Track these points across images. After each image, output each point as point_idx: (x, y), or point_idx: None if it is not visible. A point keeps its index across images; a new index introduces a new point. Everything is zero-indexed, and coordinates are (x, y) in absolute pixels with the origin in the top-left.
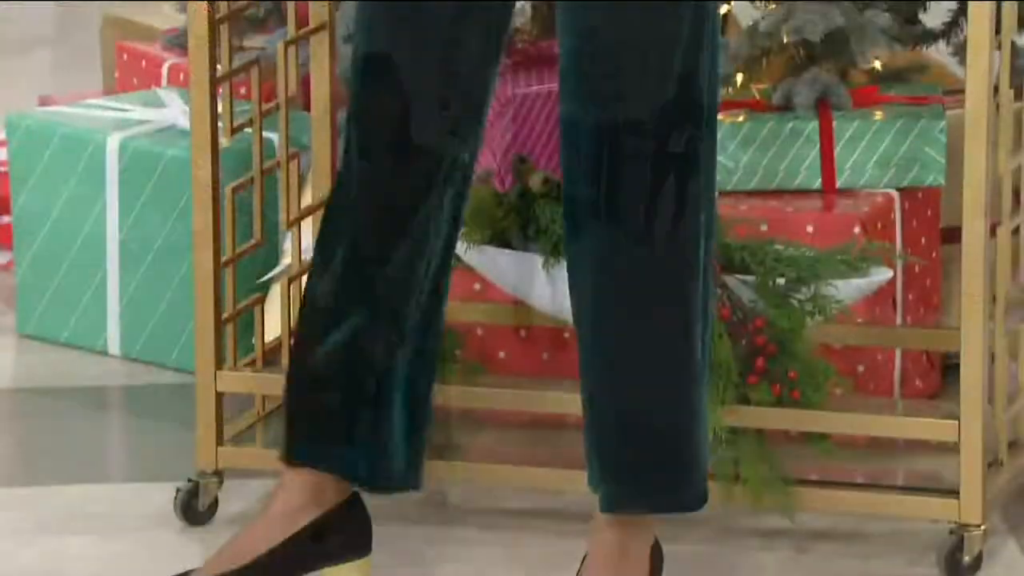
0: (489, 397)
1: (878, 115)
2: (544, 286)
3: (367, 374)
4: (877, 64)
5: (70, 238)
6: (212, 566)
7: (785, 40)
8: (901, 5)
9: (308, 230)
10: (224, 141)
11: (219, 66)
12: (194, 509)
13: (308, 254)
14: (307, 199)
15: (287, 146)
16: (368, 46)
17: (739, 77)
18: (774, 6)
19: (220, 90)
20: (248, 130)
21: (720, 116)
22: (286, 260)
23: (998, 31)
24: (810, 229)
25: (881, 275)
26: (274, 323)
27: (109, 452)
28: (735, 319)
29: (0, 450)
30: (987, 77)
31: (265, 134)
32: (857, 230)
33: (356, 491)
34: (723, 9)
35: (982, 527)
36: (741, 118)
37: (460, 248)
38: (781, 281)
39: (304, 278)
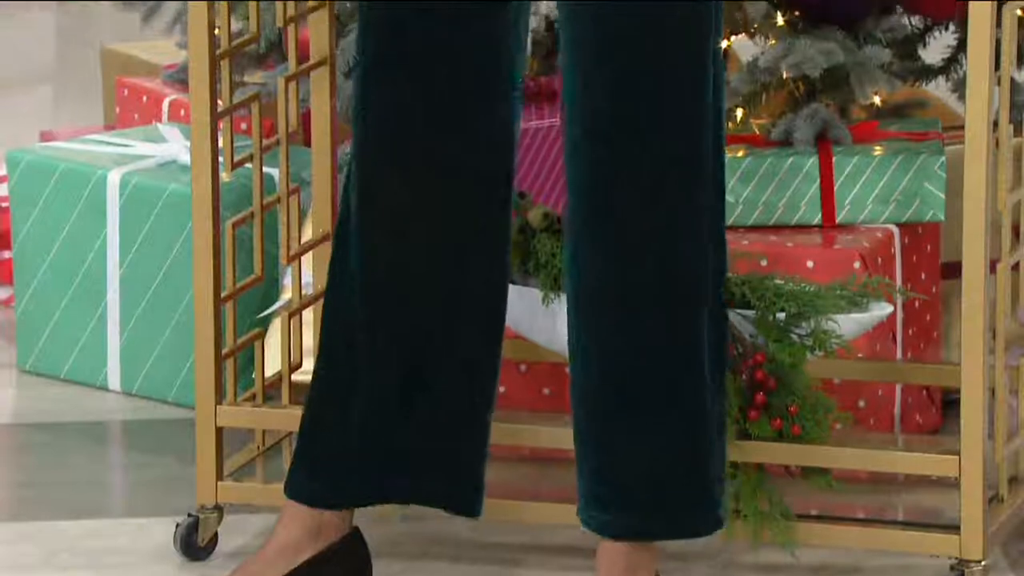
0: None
1: (878, 150)
2: (544, 321)
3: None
4: (877, 100)
5: (71, 273)
6: None
7: (785, 76)
8: (900, 41)
9: (308, 265)
10: (225, 176)
11: (220, 101)
12: (194, 544)
13: (308, 289)
14: (307, 234)
15: (287, 181)
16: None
17: (739, 112)
18: (774, 42)
19: (221, 125)
20: (249, 165)
21: None
22: (286, 295)
23: (997, 67)
24: (810, 264)
25: (881, 310)
26: (274, 358)
27: (109, 487)
28: (735, 354)
29: (0, 485)
30: (986, 113)
31: (265, 169)
32: (857, 265)
33: (356, 526)
34: (723, 45)
35: (983, 563)
36: (741, 153)
37: None
38: (781, 316)
39: (304, 313)
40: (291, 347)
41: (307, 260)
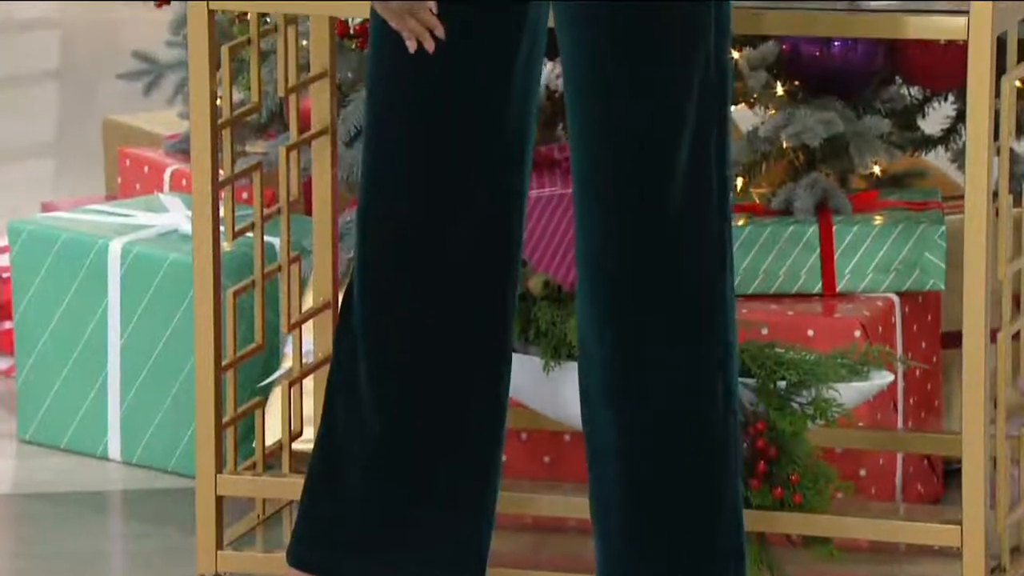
0: None
1: (878, 220)
2: (545, 389)
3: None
4: (876, 169)
5: (71, 343)
6: None
7: (785, 145)
8: (900, 111)
9: (309, 333)
10: (226, 245)
11: (221, 171)
12: None
13: (309, 357)
14: (308, 302)
15: (288, 249)
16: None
17: (739, 181)
18: (774, 112)
19: (222, 194)
20: (250, 234)
21: None
22: (287, 363)
23: (996, 137)
24: (811, 333)
25: (882, 379)
26: (275, 426)
27: (109, 557)
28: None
29: (1, 555)
30: (986, 183)
31: (266, 238)
32: (858, 334)
33: None
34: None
35: None
36: (742, 222)
37: None
38: (782, 384)
39: (305, 381)
40: (292, 415)
41: (308, 328)
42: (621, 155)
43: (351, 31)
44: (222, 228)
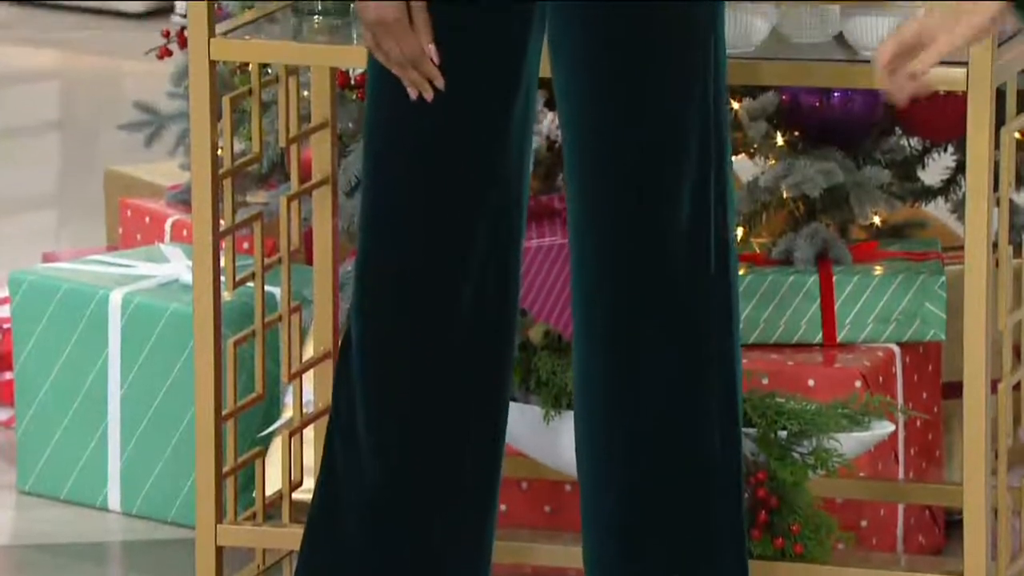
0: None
1: (878, 270)
2: (545, 438)
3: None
4: (876, 220)
5: (72, 393)
6: None
7: (785, 196)
8: (900, 162)
9: (310, 383)
10: (226, 295)
11: (222, 221)
12: None
13: (309, 407)
14: (309, 352)
15: (289, 299)
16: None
17: (740, 231)
18: (774, 162)
19: (223, 244)
20: (250, 284)
21: None
22: (287, 413)
23: (996, 188)
24: (811, 383)
25: (883, 429)
26: (275, 476)
27: None
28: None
29: None
30: (986, 234)
31: (267, 288)
32: (858, 384)
33: None
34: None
35: None
36: (742, 271)
37: None
38: (783, 434)
39: (305, 431)
40: (292, 465)
41: (308, 378)
42: (620, 182)
43: (352, 82)
44: (223, 278)
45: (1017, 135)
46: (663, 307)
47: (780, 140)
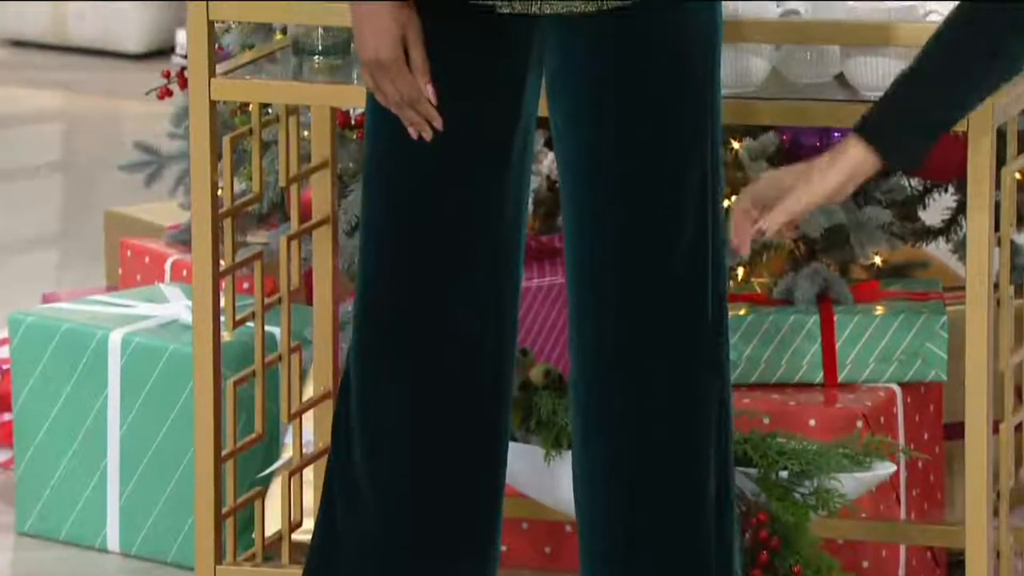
0: None
1: (879, 310)
2: (546, 479)
3: None
4: (877, 260)
5: (71, 434)
6: None
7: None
8: (901, 202)
9: (310, 424)
10: (226, 335)
11: (222, 261)
12: None
13: (309, 447)
14: (309, 392)
15: (289, 339)
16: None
17: (740, 271)
18: None
19: (223, 284)
20: (250, 324)
21: None
22: (287, 454)
23: (997, 229)
24: (812, 423)
25: (884, 470)
26: (275, 517)
27: None
28: (739, 513)
29: None
30: (987, 274)
31: (267, 328)
32: (859, 424)
33: None
34: (725, 204)
35: None
36: (743, 311)
37: None
38: (784, 475)
39: (305, 471)
40: (292, 506)
41: (308, 418)
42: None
43: (352, 121)
44: (223, 318)
45: (1018, 175)
46: (661, 352)
47: None
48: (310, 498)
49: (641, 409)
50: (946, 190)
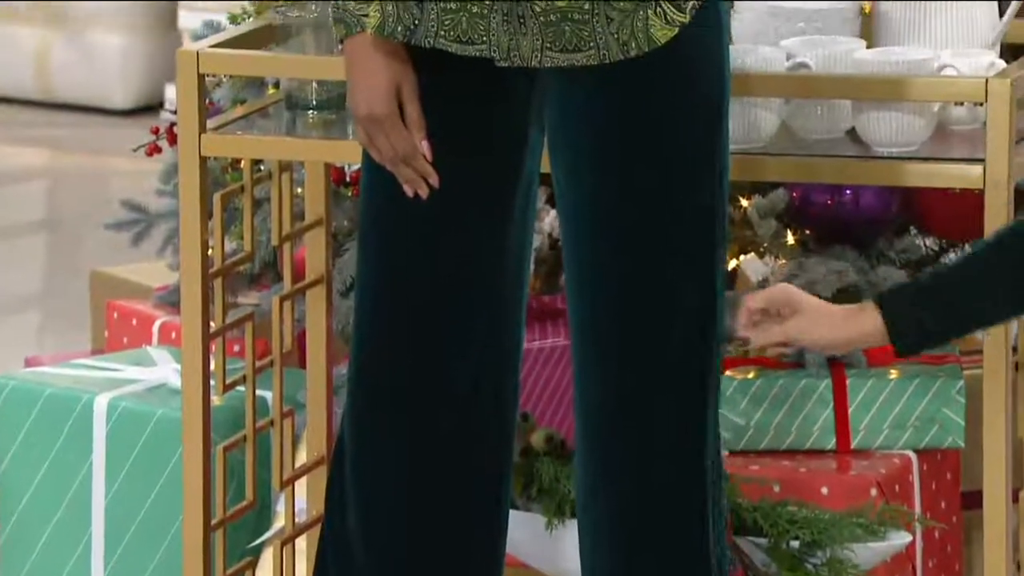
0: None
1: (893, 374)
2: (547, 548)
3: None
4: None
5: (54, 503)
6: None
7: None
8: (916, 262)
9: (303, 491)
10: (216, 399)
11: (212, 322)
12: None
13: (302, 516)
14: (302, 459)
15: (281, 403)
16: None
17: None
18: (784, 261)
19: (213, 347)
20: (241, 387)
21: (730, 372)
22: (279, 523)
23: None
24: (825, 491)
25: (900, 540)
26: None
27: None
28: None
29: None
30: (1005, 337)
31: (259, 392)
32: (874, 492)
33: None
34: (731, 264)
35: None
36: (752, 375)
37: None
38: (795, 544)
39: (298, 541)
40: None
41: (302, 485)
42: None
43: (347, 178)
44: (212, 382)
45: None
46: (666, 401)
47: (790, 239)
48: (303, 569)
49: (645, 459)
50: (963, 249)
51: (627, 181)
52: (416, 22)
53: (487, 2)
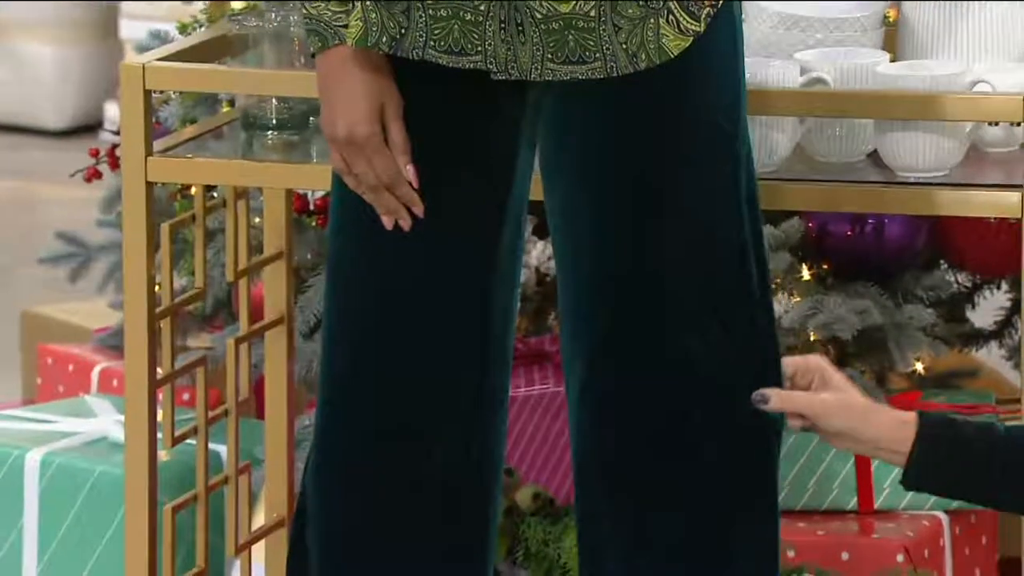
0: None
1: None
2: None
3: None
4: (919, 367)
5: None
6: None
7: (812, 338)
8: (946, 300)
9: (260, 557)
10: (163, 454)
11: (159, 368)
12: None
13: None
14: (259, 520)
15: (236, 458)
16: None
17: None
18: (799, 299)
19: (160, 396)
20: (191, 440)
21: None
22: None
23: None
24: (845, 556)
25: None
26: None
27: None
28: None
29: None
30: None
31: (211, 446)
32: (900, 558)
33: None
34: None
35: None
36: None
37: None
38: None
39: None
40: None
41: (259, 551)
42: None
43: (311, 206)
44: (159, 434)
45: None
46: (675, 467)
47: (806, 274)
48: None
49: (654, 528)
50: (999, 287)
51: (636, 215)
52: (402, 31)
53: (482, 7)
